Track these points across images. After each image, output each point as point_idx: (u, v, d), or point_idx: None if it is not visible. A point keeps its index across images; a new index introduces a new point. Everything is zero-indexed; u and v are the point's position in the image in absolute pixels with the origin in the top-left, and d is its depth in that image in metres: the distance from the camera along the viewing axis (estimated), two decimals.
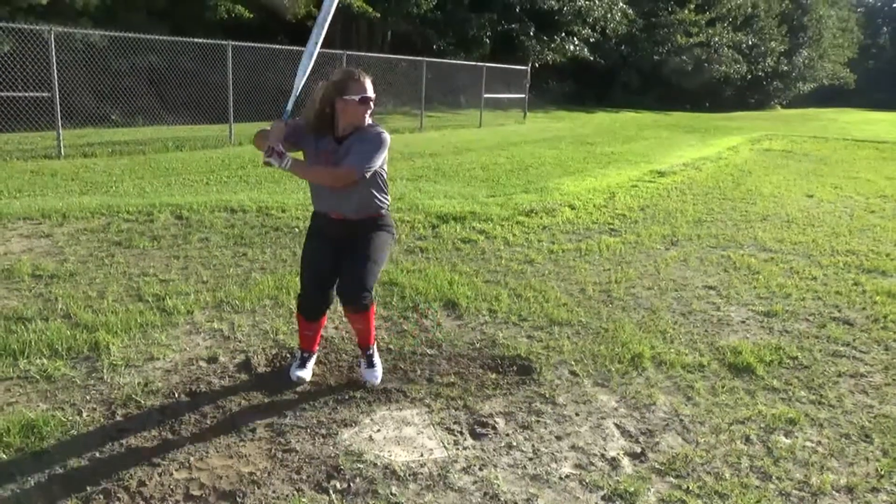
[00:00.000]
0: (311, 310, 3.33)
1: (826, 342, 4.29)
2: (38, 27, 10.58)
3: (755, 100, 48.69)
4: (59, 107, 10.38)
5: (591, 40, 31.59)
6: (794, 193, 9.85)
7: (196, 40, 12.71)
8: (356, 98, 2.96)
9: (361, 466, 2.73)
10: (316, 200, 3.21)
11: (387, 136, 3.05)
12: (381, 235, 3.21)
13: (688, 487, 2.70)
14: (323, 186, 3.10)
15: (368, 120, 3.06)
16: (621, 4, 32.27)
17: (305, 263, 3.31)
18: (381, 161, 3.03)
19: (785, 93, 52.72)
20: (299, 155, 3.14)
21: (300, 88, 3.03)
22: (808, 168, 13.10)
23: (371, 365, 3.45)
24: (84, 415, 3.01)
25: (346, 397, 3.28)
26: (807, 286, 5.38)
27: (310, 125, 3.05)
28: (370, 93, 2.99)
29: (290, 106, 3.01)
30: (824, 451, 3.03)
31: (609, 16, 31.49)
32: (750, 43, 43.91)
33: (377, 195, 3.15)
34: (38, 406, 3.07)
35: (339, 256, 3.22)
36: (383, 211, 3.22)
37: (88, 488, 2.51)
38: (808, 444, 3.08)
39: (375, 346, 3.52)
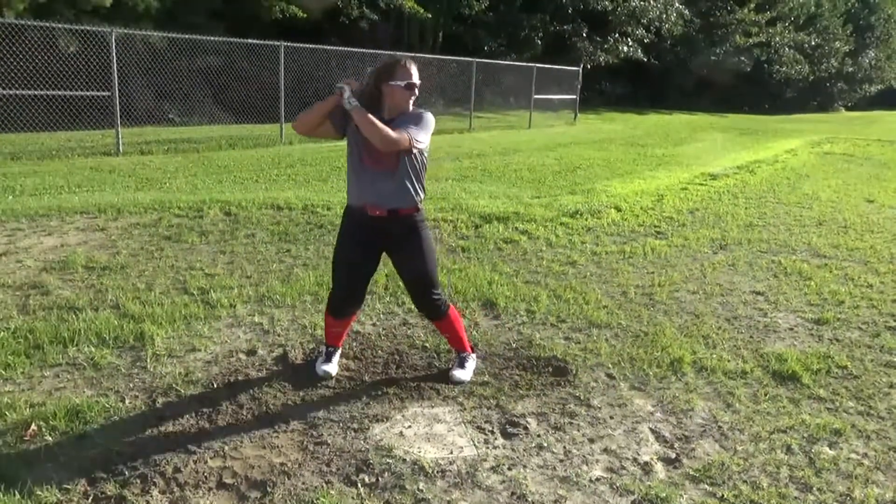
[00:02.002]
0: (340, 309, 3.38)
1: (879, 352, 4.12)
2: (101, 29, 10.98)
3: (817, 102, 47.09)
4: (118, 106, 10.75)
5: (646, 41, 31.08)
6: (853, 198, 9.49)
7: (250, 41, 13.01)
8: (402, 84, 3.01)
9: (390, 461, 2.74)
10: (354, 192, 3.17)
11: (431, 115, 3.10)
12: (422, 235, 3.20)
13: (722, 495, 2.63)
14: (363, 176, 3.10)
15: (412, 106, 3.10)
16: (677, 5, 31.64)
17: (337, 260, 3.33)
18: (427, 139, 3.06)
19: (850, 95, 50.83)
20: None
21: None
22: (870, 172, 12.62)
23: (461, 365, 3.50)
24: (126, 402, 3.11)
25: (380, 393, 3.30)
26: (861, 293, 5.19)
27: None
28: (415, 79, 3.04)
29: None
30: (870, 463, 2.91)
31: (664, 16, 30.91)
32: (813, 43, 42.49)
33: (416, 183, 3.14)
34: (84, 392, 3.18)
35: (373, 256, 3.25)
36: (420, 205, 3.20)
37: (126, 472, 2.59)
38: (853, 455, 2.96)
39: (472, 355, 3.56)
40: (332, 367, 3.45)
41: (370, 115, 2.88)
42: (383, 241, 3.23)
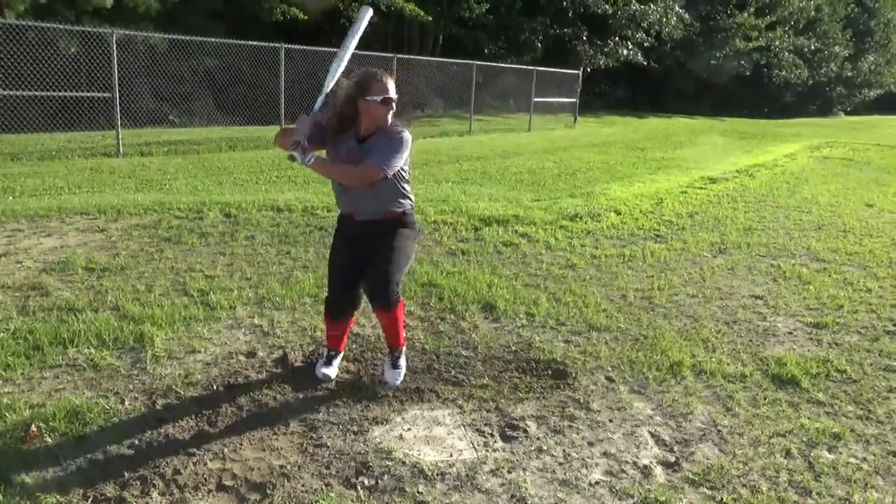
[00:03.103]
0: (337, 311, 3.37)
1: (878, 356, 4.12)
2: (101, 30, 10.98)
3: (817, 106, 47.10)
4: (118, 107, 10.76)
5: (646, 45, 31.11)
6: (852, 202, 9.50)
7: (251, 43, 13.01)
8: (378, 99, 2.96)
9: (390, 464, 2.74)
10: (339, 201, 3.23)
11: (408, 135, 3.05)
12: (403, 232, 3.22)
13: (722, 499, 2.63)
14: (341, 188, 3.14)
15: (391, 120, 3.07)
16: (677, 8, 31.68)
17: (331, 265, 3.36)
18: (402, 161, 3.02)
19: (849, 99, 50.84)
20: (323, 153, 3.16)
21: (329, 88, 3.00)
22: (870, 177, 12.63)
23: (395, 366, 3.46)
24: (126, 403, 3.11)
25: (379, 395, 3.30)
26: (860, 298, 5.19)
27: (332, 125, 3.06)
28: (392, 93, 2.99)
29: (318, 104, 2.99)
30: (869, 468, 2.91)
31: (664, 20, 30.95)
32: (812, 47, 42.54)
33: (398, 196, 3.15)
34: (84, 393, 3.18)
35: (363, 258, 3.23)
36: (407, 209, 3.23)
37: (126, 474, 2.59)
38: (852, 460, 2.97)
39: (404, 350, 3.52)
40: (332, 371, 3.45)
41: (331, 165, 2.95)
42: (372, 241, 3.22)
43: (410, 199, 3.25)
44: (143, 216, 6.44)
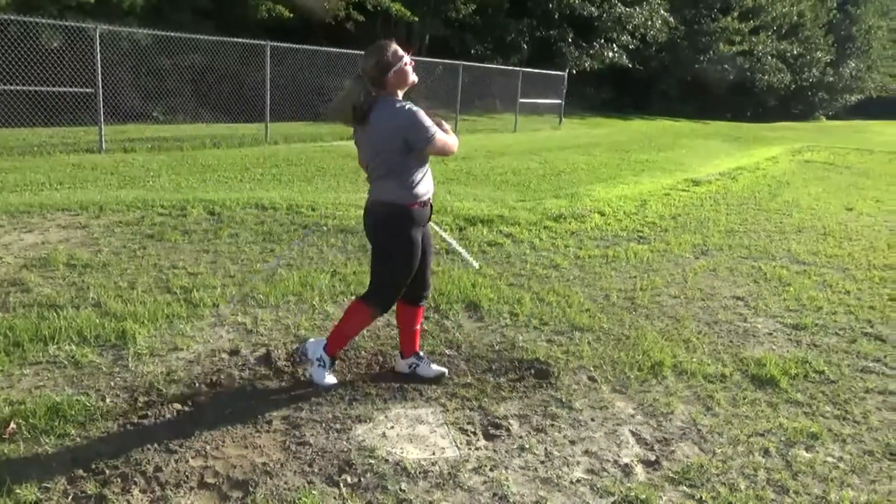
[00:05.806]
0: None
1: (855, 357, 4.19)
2: (85, 25, 10.88)
3: (799, 110, 47.60)
4: (101, 103, 10.66)
5: (631, 47, 31.30)
6: (832, 206, 9.63)
7: (237, 40, 12.95)
8: (406, 61, 3.15)
9: (373, 462, 2.75)
10: (421, 186, 3.40)
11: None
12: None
13: (701, 497, 2.66)
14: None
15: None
16: (662, 12, 31.90)
17: (415, 260, 3.41)
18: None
19: (830, 104, 51.45)
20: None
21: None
22: (850, 180, 12.80)
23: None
24: (107, 400, 3.09)
25: (363, 393, 3.31)
26: (839, 300, 5.26)
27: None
28: (402, 51, 3.15)
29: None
30: (846, 467, 2.96)
31: (649, 23, 31.16)
32: (795, 52, 42.97)
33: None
34: (65, 390, 3.16)
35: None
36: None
37: (107, 471, 2.58)
38: (829, 459, 3.01)
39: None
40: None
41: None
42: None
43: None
44: (126, 213, 6.39)
